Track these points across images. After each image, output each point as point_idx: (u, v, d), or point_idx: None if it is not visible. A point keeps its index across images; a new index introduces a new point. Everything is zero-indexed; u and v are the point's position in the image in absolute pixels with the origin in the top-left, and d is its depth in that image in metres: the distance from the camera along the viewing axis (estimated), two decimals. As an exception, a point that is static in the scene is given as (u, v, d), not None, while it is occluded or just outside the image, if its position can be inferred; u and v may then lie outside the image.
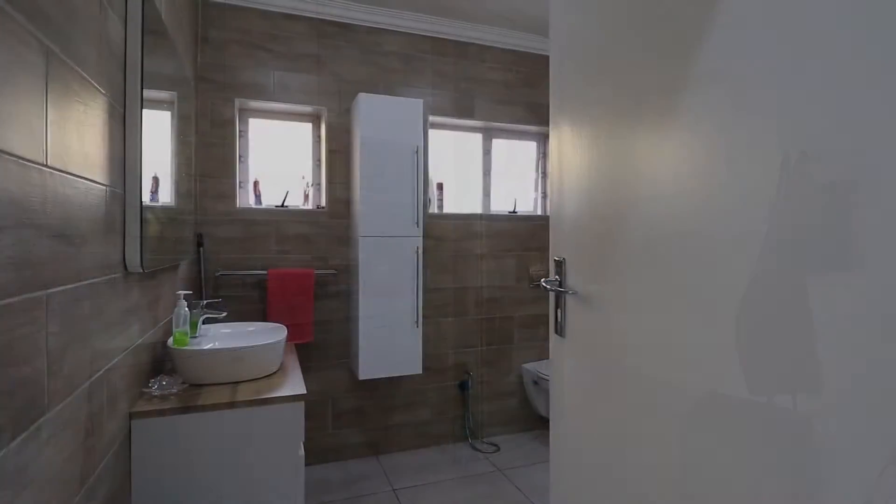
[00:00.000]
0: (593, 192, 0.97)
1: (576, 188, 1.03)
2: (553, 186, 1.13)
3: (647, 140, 0.85)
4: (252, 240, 2.64)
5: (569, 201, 1.06)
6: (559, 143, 1.12)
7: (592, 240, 0.97)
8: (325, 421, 2.76)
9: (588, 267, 0.99)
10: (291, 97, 2.72)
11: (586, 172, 0.99)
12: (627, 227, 0.88)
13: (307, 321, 2.59)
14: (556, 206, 1.10)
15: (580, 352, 1.03)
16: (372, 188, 2.56)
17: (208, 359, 1.54)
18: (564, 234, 1.07)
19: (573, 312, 1.04)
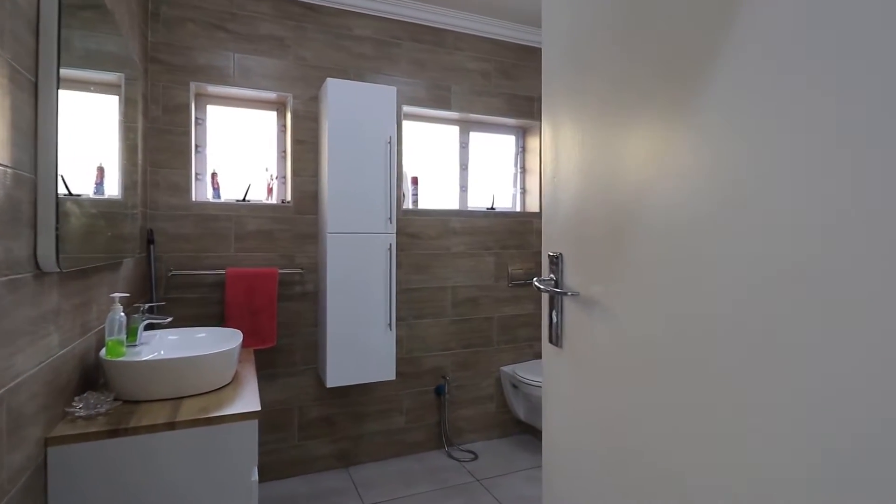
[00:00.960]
0: (601, 177, 0.81)
1: (576, 171, 0.87)
2: (547, 174, 0.98)
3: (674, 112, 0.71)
4: (209, 236, 2.42)
5: (566, 189, 0.91)
6: (554, 130, 0.97)
7: (599, 232, 0.83)
8: (290, 432, 2.56)
9: (593, 264, 0.84)
10: (253, 82, 2.51)
11: (592, 153, 0.84)
12: (648, 215, 0.73)
13: (270, 325, 2.39)
14: (550, 196, 0.95)
15: (582, 368, 0.88)
16: (341, 181, 2.38)
17: (146, 371, 1.34)
18: (561, 225, 0.93)
19: (573, 318, 0.88)
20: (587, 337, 0.85)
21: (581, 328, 0.87)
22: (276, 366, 2.53)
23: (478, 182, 3.24)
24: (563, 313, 0.91)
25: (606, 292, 0.80)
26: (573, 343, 0.90)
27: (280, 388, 2.54)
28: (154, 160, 2.34)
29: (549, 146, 0.98)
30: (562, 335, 0.92)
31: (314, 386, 2.61)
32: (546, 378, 1.02)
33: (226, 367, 1.49)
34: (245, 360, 1.78)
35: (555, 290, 0.90)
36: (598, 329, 0.82)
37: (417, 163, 3.06)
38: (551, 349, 0.97)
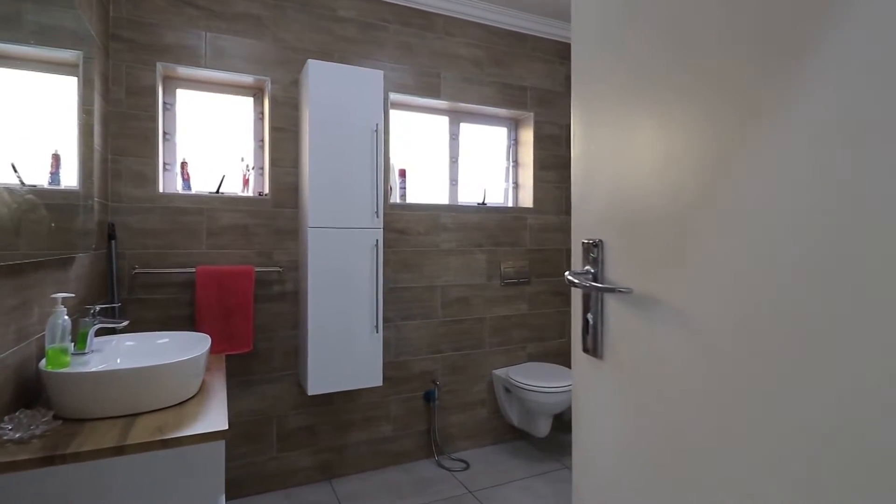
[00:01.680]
0: (666, 152, 0.66)
1: (626, 144, 0.73)
2: (577, 150, 0.82)
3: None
4: (178, 232, 2.22)
5: (605, 165, 0.75)
6: (587, 103, 0.82)
7: (660, 214, 0.67)
8: (267, 443, 2.37)
9: (653, 253, 0.67)
10: (228, 65, 2.31)
11: (650, 124, 0.69)
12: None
13: (246, 328, 2.20)
14: (582, 173, 0.79)
15: (635, 387, 0.70)
16: (324, 172, 2.20)
17: (92, 384, 1.15)
18: (600, 207, 0.77)
19: (622, 323, 0.72)
20: (644, 347, 0.68)
21: (634, 335, 0.70)
22: (253, 372, 2.34)
23: (468, 176, 3.08)
24: (605, 315, 0.75)
25: (677, 290, 0.63)
26: (620, 354, 0.73)
27: (257, 397, 2.34)
28: (117, 147, 2.12)
29: (581, 119, 0.81)
30: (602, 343, 0.75)
31: (294, 393, 2.42)
32: (579, 396, 0.85)
33: (190, 378, 1.30)
34: (214, 369, 1.59)
35: (596, 286, 0.72)
36: (663, 338, 0.65)
37: (405, 155, 2.89)
38: (586, 361, 0.80)
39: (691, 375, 0.63)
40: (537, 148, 3.09)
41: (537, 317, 3.07)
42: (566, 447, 2.90)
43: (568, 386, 2.55)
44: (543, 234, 3.10)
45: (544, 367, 2.86)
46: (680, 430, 0.64)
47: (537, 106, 3.07)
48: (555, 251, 3.13)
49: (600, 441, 0.79)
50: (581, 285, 0.74)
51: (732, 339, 0.58)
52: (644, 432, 0.70)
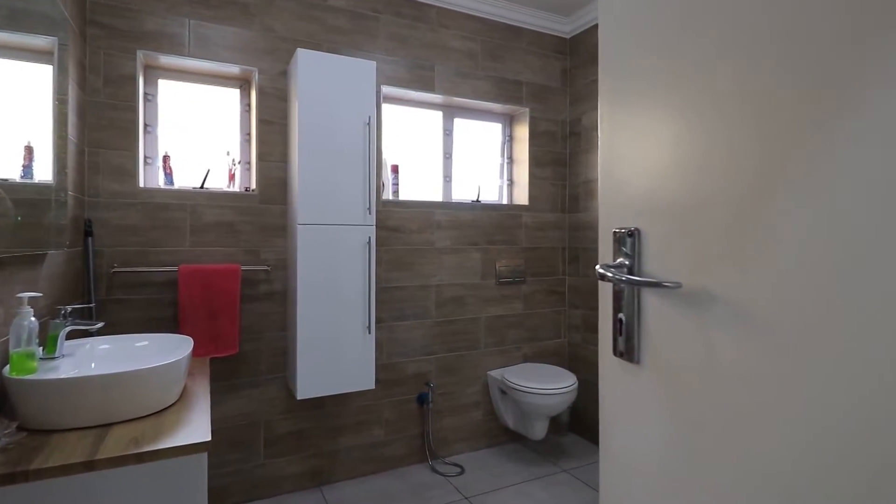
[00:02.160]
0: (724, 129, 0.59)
1: (668, 119, 0.66)
2: (605, 129, 0.74)
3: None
4: (160, 228, 2.11)
5: (643, 144, 0.69)
6: (617, 72, 0.74)
7: (721, 196, 0.58)
8: (254, 449, 2.27)
9: (706, 243, 0.59)
10: (212, 54, 2.21)
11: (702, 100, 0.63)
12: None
13: (231, 329, 2.10)
14: (610, 155, 0.71)
15: (684, 398, 0.61)
16: (314, 167, 2.11)
17: (60, 392, 1.05)
18: (636, 192, 0.69)
19: (665, 322, 0.63)
20: (694, 350, 0.60)
21: (681, 337, 0.61)
22: (239, 375, 2.24)
23: (463, 173, 3.00)
24: (643, 314, 0.66)
25: (739, 284, 0.55)
26: (663, 359, 0.64)
27: (243, 401, 2.24)
28: (94, 139, 2.01)
29: (613, 101, 0.73)
30: (639, 346, 0.67)
31: (282, 397, 2.32)
32: (609, 407, 0.75)
33: (169, 384, 1.21)
34: (197, 373, 1.50)
35: (634, 280, 0.63)
36: (721, 340, 0.57)
37: (398, 150, 2.80)
38: (618, 366, 0.72)
39: (758, 384, 0.54)
40: (533, 144, 3.02)
41: (533, 317, 3.01)
42: (562, 450, 2.83)
43: (564, 387, 2.49)
44: (539, 232, 3.03)
45: (540, 368, 2.79)
46: (743, 449, 0.56)
47: (533, 101, 3.00)
48: (550, 249, 3.07)
49: (636, 458, 0.70)
50: (614, 279, 0.65)
51: (813, 341, 0.49)
52: (693, 449, 0.61)
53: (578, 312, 3.04)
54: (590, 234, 2.95)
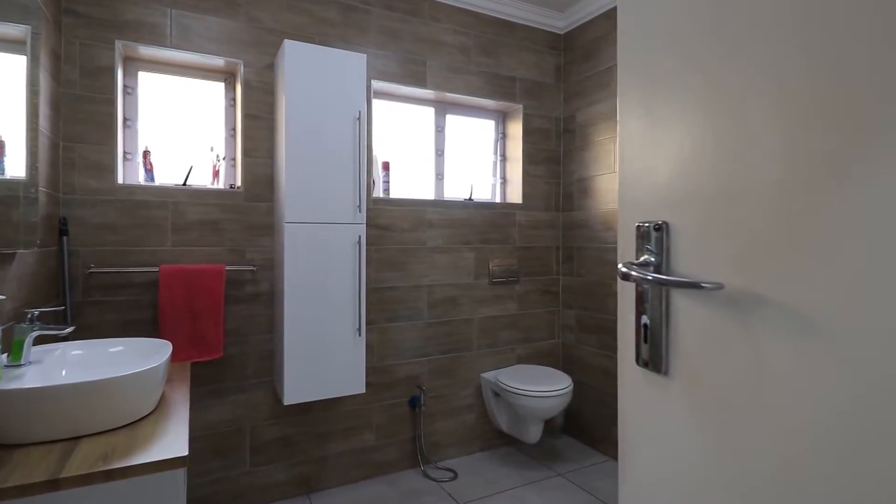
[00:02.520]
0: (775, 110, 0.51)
1: (704, 100, 0.59)
2: (628, 117, 0.65)
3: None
4: (140, 227, 2.02)
5: (675, 125, 0.62)
6: (640, 63, 0.67)
7: (772, 183, 0.51)
8: (240, 456, 2.19)
9: (755, 237, 0.51)
10: (196, 45, 2.12)
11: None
12: None
13: (215, 332, 2.01)
14: (635, 144, 0.64)
15: (723, 416, 0.54)
16: (302, 163, 2.03)
17: (23, 402, 0.96)
18: (663, 180, 0.62)
19: (699, 328, 0.56)
20: (739, 361, 0.52)
21: (722, 345, 0.54)
22: (224, 380, 2.15)
23: (455, 170, 2.93)
24: (673, 318, 0.59)
25: (797, 284, 0.47)
26: (699, 370, 0.56)
27: (228, 407, 2.16)
28: (70, 133, 1.92)
29: (633, 83, 0.66)
30: (668, 355, 0.59)
31: (269, 402, 2.24)
32: (631, 423, 0.67)
33: (145, 393, 1.13)
34: (177, 380, 1.41)
35: (664, 280, 0.56)
36: (773, 349, 0.49)
37: (389, 147, 2.73)
38: (642, 377, 0.64)
39: (821, 405, 0.46)
40: (526, 142, 2.96)
41: (527, 317, 2.95)
42: (557, 453, 2.78)
43: (559, 390, 2.44)
44: (533, 231, 2.98)
45: (534, 370, 2.73)
46: (797, 482, 0.48)
47: (526, 98, 2.95)
48: (544, 249, 3.02)
49: (662, 483, 0.62)
50: (640, 279, 0.57)
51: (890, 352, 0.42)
52: (733, 478, 0.53)
53: (572, 313, 2.99)
54: (584, 232, 2.90)
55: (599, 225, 2.79)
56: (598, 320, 2.80)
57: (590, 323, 2.86)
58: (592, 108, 2.85)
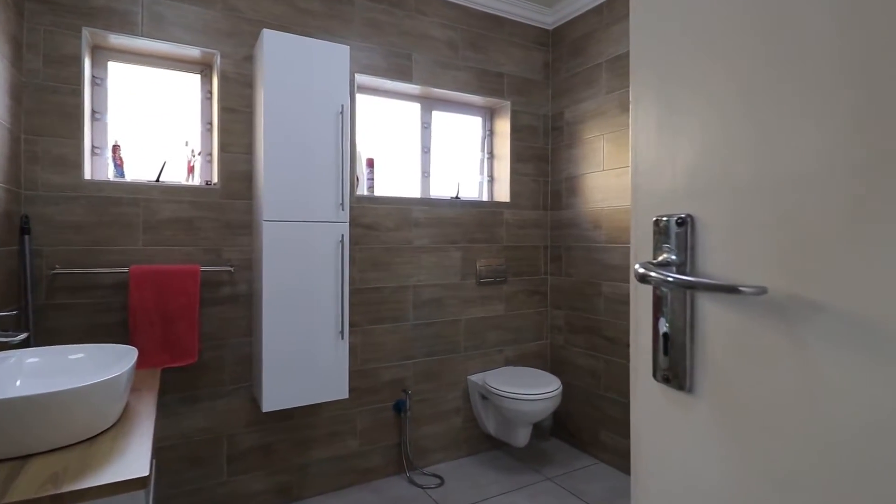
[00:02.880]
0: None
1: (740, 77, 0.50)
2: (643, 98, 0.58)
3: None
4: (109, 225, 1.91)
5: (702, 107, 0.53)
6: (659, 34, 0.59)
7: (823, 164, 0.43)
8: (216, 466, 2.09)
9: (806, 232, 0.43)
10: (169, 34, 2.02)
11: None
12: None
13: (189, 336, 1.92)
14: (650, 128, 0.56)
15: (758, 448, 0.46)
16: (282, 159, 1.94)
17: (-35, 421, 0.87)
18: (686, 167, 0.54)
19: (733, 339, 0.48)
20: (785, 382, 0.44)
21: (762, 361, 0.46)
22: (199, 386, 2.05)
23: (441, 168, 2.86)
24: (700, 327, 0.51)
25: (866, 292, 0.39)
26: (731, 389, 0.48)
27: (203, 414, 2.06)
28: (32, 126, 1.81)
29: (652, 61, 0.58)
30: (692, 369, 0.52)
31: (247, 409, 2.14)
32: (647, 446, 0.59)
33: (105, 405, 1.04)
34: (144, 388, 1.32)
35: (693, 283, 0.48)
36: (833, 371, 0.41)
37: (373, 143, 2.65)
38: (660, 393, 0.56)
39: (893, 427, 0.38)
40: (514, 139, 2.90)
41: (514, 318, 2.90)
42: (545, 456, 2.73)
43: (548, 392, 2.38)
44: (521, 230, 2.92)
45: (522, 372, 2.68)
46: None
47: (514, 94, 2.89)
48: (532, 248, 2.96)
49: None
50: (660, 281, 0.49)
51: None
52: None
53: (561, 313, 2.94)
54: (573, 231, 2.85)
55: (588, 224, 2.74)
56: (587, 321, 2.75)
57: (578, 323, 2.82)
58: (581, 106, 2.80)
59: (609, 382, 2.62)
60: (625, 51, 2.53)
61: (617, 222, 2.56)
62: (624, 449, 2.53)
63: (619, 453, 2.55)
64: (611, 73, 2.61)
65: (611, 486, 2.41)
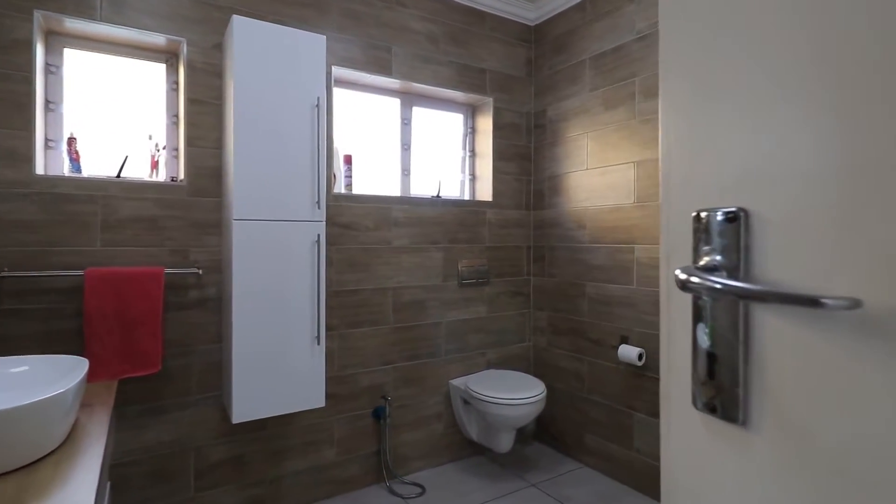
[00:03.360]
0: None
1: None
2: (677, 79, 0.48)
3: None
4: (63, 224, 1.77)
5: (750, 62, 0.43)
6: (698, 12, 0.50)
7: None
8: (183, 481, 1.96)
9: None
10: (131, 20, 1.88)
11: None
12: None
13: (152, 343, 1.79)
14: (678, 93, 0.48)
15: (846, 500, 0.37)
16: (253, 154, 1.82)
17: None
18: (732, 150, 0.45)
19: (804, 362, 0.39)
20: (886, 423, 0.35)
21: (855, 391, 0.36)
22: (164, 396, 1.92)
23: (422, 166, 2.78)
24: (758, 345, 0.42)
25: None
26: (807, 425, 0.39)
27: (169, 426, 1.93)
28: (-25, 115, 1.65)
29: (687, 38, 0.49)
30: (748, 398, 0.42)
31: (216, 419, 2.02)
32: (679, 485, 0.49)
33: (48, 426, 0.92)
34: (97, 403, 1.20)
35: (756, 292, 0.40)
36: None
37: (352, 139, 2.55)
38: (702, 425, 0.47)
39: None
40: (496, 137, 2.84)
41: (497, 320, 2.83)
42: (529, 461, 2.67)
43: (532, 396, 2.32)
44: (503, 229, 2.85)
45: (505, 376, 2.61)
46: None
47: (497, 91, 2.82)
48: (514, 248, 2.90)
49: None
50: (708, 289, 0.40)
51: None
52: None
53: (543, 314, 2.89)
54: (556, 231, 2.80)
55: (571, 223, 2.69)
56: (571, 322, 2.70)
57: (562, 325, 2.76)
58: (564, 104, 2.75)
59: (593, 385, 2.57)
60: (609, 48, 2.48)
61: (601, 222, 2.52)
62: (609, 452, 2.48)
63: (604, 457, 2.50)
64: (594, 71, 2.56)
65: (597, 490, 2.36)
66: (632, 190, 2.36)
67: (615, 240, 2.44)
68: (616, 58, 2.44)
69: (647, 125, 2.28)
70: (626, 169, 2.39)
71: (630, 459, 2.37)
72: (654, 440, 2.27)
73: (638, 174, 2.33)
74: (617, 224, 2.43)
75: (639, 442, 2.33)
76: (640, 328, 2.33)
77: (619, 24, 2.43)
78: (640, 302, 2.33)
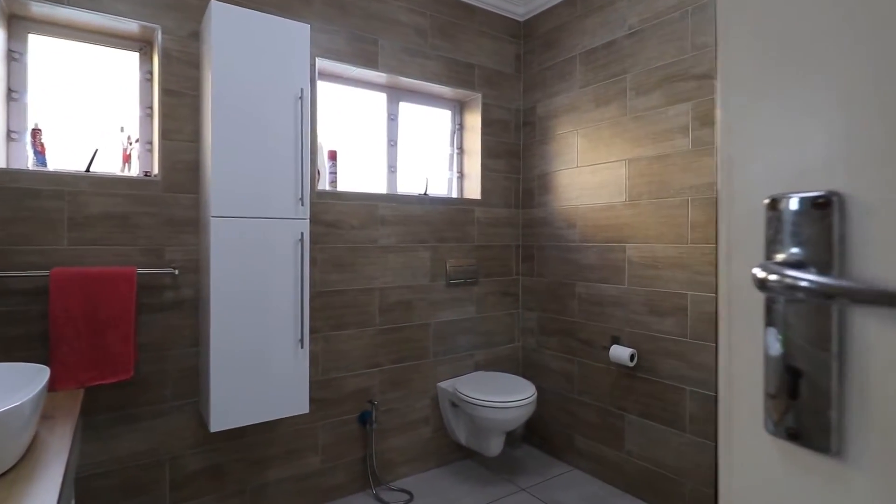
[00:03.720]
0: None
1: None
2: (739, 46, 0.41)
3: None
4: (27, 221, 1.65)
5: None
6: None
7: None
8: (157, 494, 1.86)
9: None
10: (102, 4, 1.77)
11: None
12: None
13: (124, 348, 1.68)
14: (740, 65, 0.41)
15: None
16: (232, 148, 1.73)
17: None
18: (818, 123, 0.36)
19: None
20: None
21: None
22: (137, 404, 1.81)
23: (409, 163, 2.70)
24: (858, 361, 0.34)
25: None
26: None
27: (142, 435, 1.82)
28: (-72, 103, 1.53)
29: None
30: (843, 423, 0.35)
31: (193, 427, 1.92)
32: None
33: (1, 443, 0.83)
34: (61, 414, 1.10)
35: (852, 291, 0.33)
36: None
37: (337, 135, 2.46)
38: (780, 453, 0.39)
39: None
40: (485, 134, 2.78)
41: (486, 321, 2.77)
42: (518, 465, 2.61)
43: (522, 399, 2.26)
44: (492, 228, 2.80)
45: (495, 378, 2.55)
46: None
47: (485, 86, 2.76)
48: (503, 248, 2.84)
49: None
50: (797, 288, 0.33)
51: None
52: None
53: (533, 315, 2.84)
54: (545, 230, 2.75)
55: (561, 222, 2.65)
56: (560, 322, 2.66)
57: (551, 326, 2.72)
58: (553, 101, 2.70)
59: (583, 386, 2.53)
60: (600, 43, 2.44)
61: (591, 220, 2.48)
62: (600, 455, 2.44)
63: (595, 459, 2.46)
64: (585, 67, 2.52)
65: (588, 493, 2.31)
66: (623, 188, 2.32)
67: (606, 239, 2.40)
68: (607, 54, 2.41)
69: (639, 122, 2.25)
70: (617, 167, 2.35)
71: (621, 461, 2.33)
72: (645, 442, 2.23)
73: (629, 172, 2.29)
74: (608, 223, 2.39)
75: (630, 444, 2.30)
76: (631, 328, 2.29)
77: (609, 19, 2.39)
78: (631, 302, 2.29)
